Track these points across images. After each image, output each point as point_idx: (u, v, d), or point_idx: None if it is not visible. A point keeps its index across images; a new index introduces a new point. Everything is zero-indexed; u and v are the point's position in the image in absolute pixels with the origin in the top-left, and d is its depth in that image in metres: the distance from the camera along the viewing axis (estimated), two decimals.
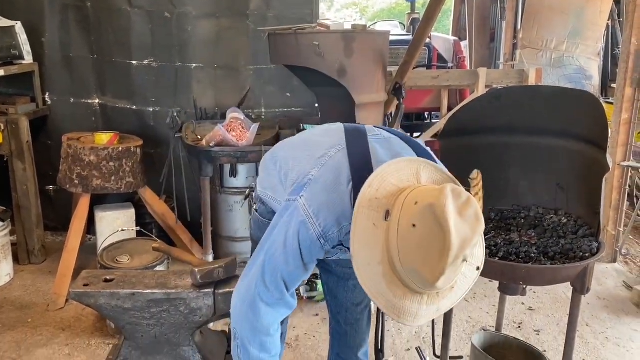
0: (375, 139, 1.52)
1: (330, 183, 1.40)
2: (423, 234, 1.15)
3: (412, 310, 1.22)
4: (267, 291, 1.43)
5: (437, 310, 1.25)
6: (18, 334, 3.02)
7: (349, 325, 2.01)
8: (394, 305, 1.22)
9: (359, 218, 1.25)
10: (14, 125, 3.56)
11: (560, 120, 2.04)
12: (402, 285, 1.21)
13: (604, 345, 3.02)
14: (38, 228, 3.80)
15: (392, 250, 1.20)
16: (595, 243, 1.91)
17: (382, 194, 1.25)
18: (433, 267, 1.13)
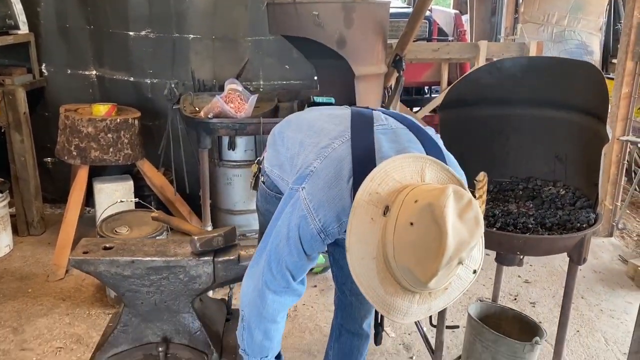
0: (382, 129, 1.48)
1: (331, 178, 1.38)
2: (420, 233, 1.13)
3: (403, 308, 1.21)
4: (273, 280, 1.44)
5: (429, 310, 1.24)
6: (19, 303, 3.05)
7: (354, 296, 2.01)
8: (384, 301, 1.22)
9: (357, 211, 1.24)
10: (11, 96, 3.54)
11: (560, 91, 2.03)
12: (394, 282, 1.21)
13: (598, 317, 3.05)
14: (37, 200, 3.80)
15: (387, 247, 1.19)
16: (593, 214, 1.92)
17: (384, 189, 1.24)
18: (426, 267, 1.12)
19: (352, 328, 2.05)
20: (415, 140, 1.46)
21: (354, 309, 2.01)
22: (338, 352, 2.12)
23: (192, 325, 1.66)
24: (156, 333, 1.67)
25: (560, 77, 2.01)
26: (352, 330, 2.05)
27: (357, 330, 2.05)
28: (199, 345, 1.66)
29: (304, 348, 2.74)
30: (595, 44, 5.94)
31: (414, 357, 2.70)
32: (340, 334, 2.09)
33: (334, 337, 2.12)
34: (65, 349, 2.68)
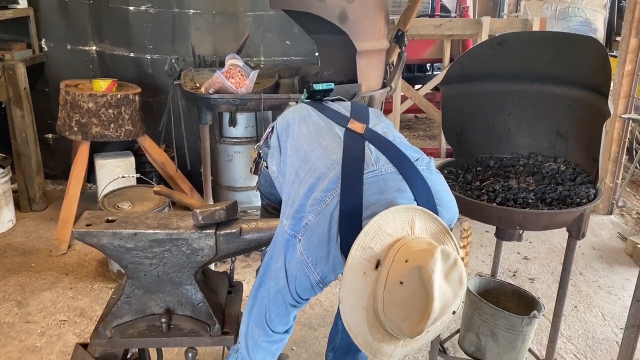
0: (372, 176, 1.49)
1: (323, 237, 1.44)
2: (408, 293, 1.21)
3: (388, 351, 1.31)
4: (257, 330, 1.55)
5: (410, 349, 1.34)
6: (22, 277, 3.08)
7: None
8: (371, 346, 1.31)
9: (351, 265, 1.31)
10: (11, 71, 3.52)
11: (562, 66, 2.02)
12: (382, 330, 1.30)
13: (596, 293, 3.09)
14: (38, 175, 3.81)
15: (377, 300, 1.27)
16: (593, 190, 1.92)
17: (376, 244, 1.31)
18: (413, 325, 1.21)
19: None
20: (404, 189, 1.48)
21: None
22: (344, 337, 2.14)
23: (195, 297, 1.67)
24: (159, 304, 1.68)
25: (563, 53, 1.99)
26: None
27: None
28: (202, 317, 1.67)
29: (304, 322, 2.78)
30: (600, 21, 5.89)
31: None
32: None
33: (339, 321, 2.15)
34: (69, 322, 2.72)
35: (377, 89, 3.00)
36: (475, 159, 2.26)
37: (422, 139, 6.08)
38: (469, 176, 2.12)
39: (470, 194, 1.98)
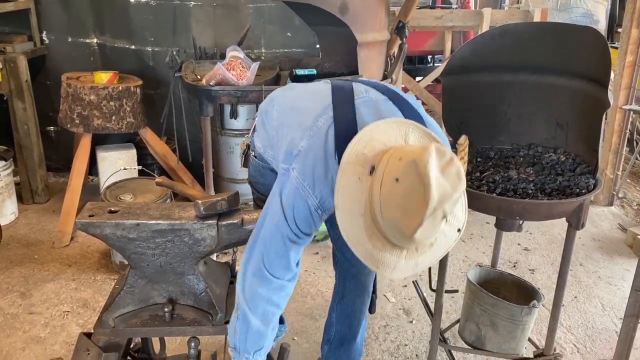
0: (362, 101, 1.51)
1: (319, 156, 1.42)
2: (405, 188, 1.17)
3: (390, 262, 1.25)
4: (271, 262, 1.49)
5: (416, 265, 1.27)
6: (26, 269, 3.10)
7: (354, 256, 2.05)
8: (372, 255, 1.26)
9: (344, 172, 1.28)
10: (12, 63, 3.53)
11: (562, 57, 2.02)
12: (382, 237, 1.24)
13: (596, 284, 3.10)
14: (40, 168, 3.83)
15: (374, 204, 1.23)
16: (592, 180, 1.93)
17: (369, 151, 1.28)
18: (412, 218, 1.16)
19: (356, 288, 2.09)
20: (395, 111, 1.49)
21: (355, 269, 2.05)
22: (340, 313, 2.17)
23: (197, 286, 1.69)
24: (162, 294, 1.70)
25: (563, 44, 2.00)
26: (355, 290, 2.09)
27: (361, 290, 2.09)
28: (204, 306, 1.69)
29: (306, 312, 2.80)
30: (601, 12, 5.87)
31: (414, 321, 2.76)
32: (343, 296, 2.13)
33: (337, 300, 2.16)
34: (72, 313, 2.74)
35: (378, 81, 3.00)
36: (475, 150, 2.26)
37: None
38: (469, 167, 2.13)
39: (470, 184, 1.99)
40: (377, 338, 2.64)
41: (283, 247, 1.47)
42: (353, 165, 1.28)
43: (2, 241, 3.32)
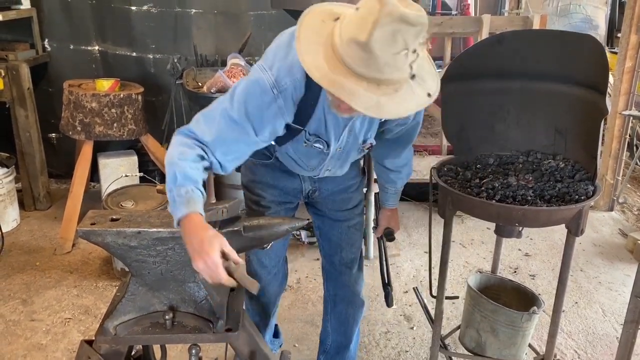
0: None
1: (284, 42, 1.47)
2: (364, 11, 1.21)
3: (347, 87, 1.24)
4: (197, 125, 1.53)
5: (377, 105, 1.26)
6: (27, 276, 3.11)
7: (343, 265, 2.08)
8: (330, 77, 1.26)
9: (308, 14, 1.34)
10: (15, 71, 3.55)
11: (561, 64, 2.03)
12: (342, 64, 1.25)
13: (596, 289, 3.10)
14: (42, 175, 3.85)
15: (335, 36, 1.26)
16: (591, 186, 1.94)
17: (336, 6, 1.36)
18: (367, 24, 1.19)
19: (346, 296, 2.12)
20: None
21: (345, 277, 2.09)
22: (334, 322, 2.20)
23: (198, 294, 1.70)
24: (163, 302, 1.71)
25: (561, 50, 2.01)
26: (346, 298, 2.13)
27: (351, 297, 2.12)
28: (205, 314, 1.70)
29: (307, 319, 2.80)
30: (601, 17, 5.88)
31: (415, 327, 2.76)
32: (335, 305, 2.17)
33: (329, 309, 2.20)
34: (74, 320, 2.75)
35: None
36: (474, 156, 2.27)
37: (424, 136, 6.08)
38: (469, 174, 2.14)
39: (469, 191, 1.99)
40: (378, 344, 2.64)
41: (218, 114, 1.50)
42: (319, 13, 1.34)
43: (4, 248, 3.33)
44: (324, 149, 1.70)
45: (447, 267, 2.11)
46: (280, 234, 1.74)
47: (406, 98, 1.29)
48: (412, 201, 4.15)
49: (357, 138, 1.73)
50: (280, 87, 1.45)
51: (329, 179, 1.95)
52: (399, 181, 2.05)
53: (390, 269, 2.14)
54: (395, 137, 1.85)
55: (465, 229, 3.75)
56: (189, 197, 1.42)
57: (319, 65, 1.27)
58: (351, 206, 2.03)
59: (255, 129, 1.51)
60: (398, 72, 1.25)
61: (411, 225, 3.84)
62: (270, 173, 1.93)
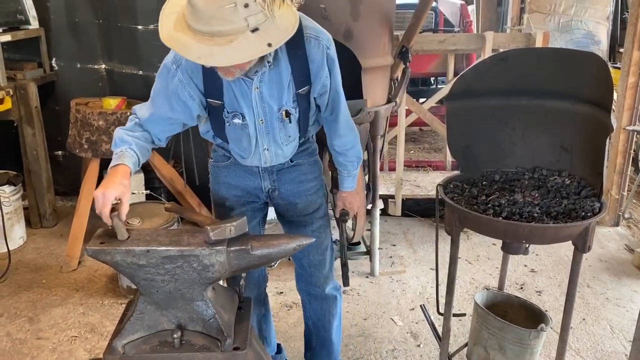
0: None
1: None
2: None
3: (183, 41, 1.47)
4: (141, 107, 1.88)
5: (210, 53, 1.45)
6: (33, 294, 3.12)
7: (312, 267, 2.16)
8: (171, 35, 1.50)
9: None
10: (23, 90, 3.59)
11: (565, 82, 2.05)
12: (184, 24, 1.48)
13: (604, 306, 3.09)
14: (49, 192, 3.87)
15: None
16: (598, 203, 1.94)
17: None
18: None
19: (317, 294, 2.21)
20: None
21: (315, 278, 2.18)
22: (313, 318, 2.29)
23: (206, 312, 1.70)
24: (171, 320, 1.71)
25: (565, 69, 2.02)
26: (318, 295, 2.22)
27: (321, 294, 2.21)
28: (213, 332, 1.70)
29: None
30: (603, 33, 5.92)
31: (422, 345, 2.75)
32: (309, 302, 2.26)
33: (307, 308, 2.30)
34: (80, 338, 2.74)
35: (382, 104, 3.04)
36: (480, 173, 2.28)
37: (428, 151, 6.11)
38: (475, 190, 2.14)
39: (476, 208, 2.00)
40: None
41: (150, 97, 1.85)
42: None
43: (11, 266, 3.34)
44: (242, 123, 1.82)
45: (454, 284, 2.11)
46: (288, 252, 1.75)
47: (241, 48, 1.44)
48: (417, 217, 4.15)
49: (271, 106, 1.81)
50: (177, 61, 1.71)
51: (287, 178, 2.03)
52: (348, 164, 2.10)
53: (396, 287, 2.15)
54: (331, 115, 1.95)
55: (471, 245, 3.75)
56: (121, 154, 1.72)
57: (169, 28, 1.51)
58: (312, 210, 2.09)
59: (168, 102, 1.79)
60: (230, 24, 1.42)
61: (416, 242, 3.83)
62: (233, 173, 2.04)
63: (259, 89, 1.76)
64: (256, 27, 1.44)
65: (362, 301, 3.10)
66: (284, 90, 1.79)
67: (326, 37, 1.79)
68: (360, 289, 3.22)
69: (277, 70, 1.75)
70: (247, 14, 1.42)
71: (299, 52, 1.74)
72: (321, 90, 1.85)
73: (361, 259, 3.53)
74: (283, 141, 1.91)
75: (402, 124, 3.93)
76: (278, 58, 1.73)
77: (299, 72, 1.77)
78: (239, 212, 2.05)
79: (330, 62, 1.81)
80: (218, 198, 2.11)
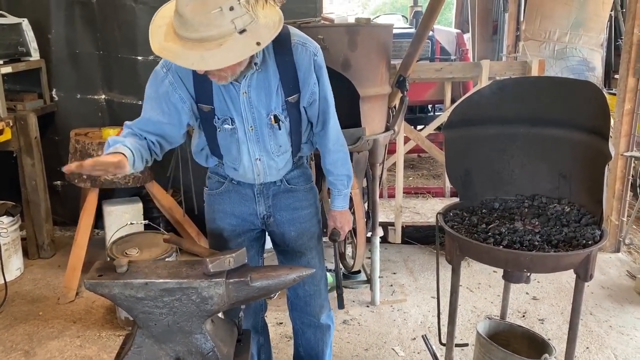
0: None
1: None
2: None
3: (174, 49, 1.53)
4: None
5: (201, 58, 1.50)
6: (30, 326, 3.08)
7: (308, 296, 2.15)
8: (163, 46, 1.55)
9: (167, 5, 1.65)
10: (23, 121, 3.61)
11: (563, 110, 2.06)
12: (173, 34, 1.55)
13: (607, 334, 3.05)
14: (47, 223, 3.85)
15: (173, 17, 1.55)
16: (598, 231, 1.94)
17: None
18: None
19: (311, 323, 2.20)
20: None
21: (310, 308, 2.17)
22: (306, 346, 2.27)
23: (205, 346, 1.68)
24: (169, 354, 1.69)
25: (562, 97, 2.04)
26: (312, 324, 2.21)
27: (316, 323, 2.20)
28: None
29: None
30: (597, 60, 5.99)
31: None
32: (303, 332, 2.25)
33: (299, 336, 2.27)
34: None
35: (381, 132, 3.05)
36: (480, 201, 2.28)
37: (426, 178, 6.12)
38: (475, 219, 2.14)
39: (476, 237, 1.99)
40: None
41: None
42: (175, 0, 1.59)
43: (7, 298, 3.31)
44: (232, 128, 1.84)
45: (456, 314, 2.09)
46: (288, 283, 1.74)
47: (231, 49, 1.50)
48: (417, 244, 4.13)
49: (260, 112, 1.82)
50: (167, 64, 1.77)
51: (282, 204, 2.04)
52: (338, 183, 2.10)
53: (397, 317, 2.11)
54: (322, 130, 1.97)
55: (471, 273, 3.72)
56: (114, 150, 1.72)
57: (159, 39, 1.57)
58: (306, 239, 2.10)
59: (158, 105, 1.80)
60: (217, 28, 1.48)
61: (417, 270, 3.81)
62: (227, 200, 2.04)
63: (247, 93, 1.78)
64: (243, 29, 1.50)
65: (363, 331, 3.06)
66: (272, 95, 1.81)
67: (313, 44, 1.83)
68: (361, 318, 3.19)
69: (265, 74, 1.78)
70: (234, 17, 1.48)
71: (287, 58, 1.78)
72: (310, 99, 1.87)
73: (362, 288, 3.50)
74: (274, 151, 1.91)
75: (401, 152, 3.94)
76: (266, 62, 1.76)
77: (287, 78, 1.80)
78: (235, 243, 2.05)
79: (317, 68, 1.84)
80: (214, 228, 2.10)
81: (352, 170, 2.13)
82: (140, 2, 3.80)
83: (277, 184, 2.02)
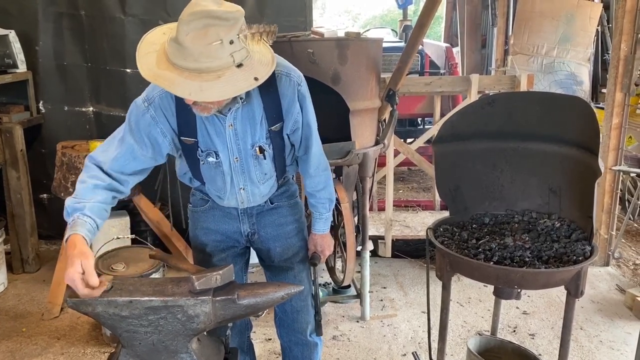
0: None
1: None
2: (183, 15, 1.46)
3: (169, 77, 1.48)
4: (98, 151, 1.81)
5: (200, 89, 1.47)
6: (13, 343, 3.01)
7: (295, 312, 2.14)
8: (156, 74, 1.50)
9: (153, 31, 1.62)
10: (8, 134, 3.56)
11: (552, 125, 2.06)
12: (166, 61, 1.50)
13: (598, 349, 3.04)
14: (32, 237, 3.79)
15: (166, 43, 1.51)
16: (589, 246, 1.93)
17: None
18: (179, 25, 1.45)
19: (299, 340, 2.19)
20: None
21: (296, 324, 2.15)
22: None
23: None
24: None
25: (552, 112, 2.04)
26: (299, 342, 2.19)
27: (304, 341, 2.19)
28: None
29: None
30: (585, 74, 6.05)
31: None
32: (290, 350, 2.22)
33: (287, 354, 2.25)
34: None
35: (371, 146, 3.04)
36: (470, 216, 2.27)
37: (416, 191, 6.12)
38: (465, 234, 2.12)
39: (467, 252, 1.98)
40: None
41: (112, 140, 1.80)
42: (163, 28, 1.60)
43: None
44: (216, 161, 1.81)
45: (446, 331, 2.07)
46: (276, 301, 1.71)
47: (230, 82, 1.48)
48: (407, 258, 4.11)
49: (245, 143, 1.81)
50: (149, 99, 1.72)
51: (266, 221, 2.03)
52: (319, 206, 2.09)
53: (387, 332, 2.09)
54: (304, 154, 1.96)
55: (461, 287, 3.70)
56: (74, 224, 1.68)
57: (150, 66, 1.51)
58: (292, 254, 2.09)
59: (136, 140, 1.75)
60: (217, 60, 1.46)
61: (407, 284, 3.78)
62: (211, 218, 2.02)
63: (233, 126, 1.77)
64: (240, 63, 1.50)
65: (352, 347, 3.02)
66: (257, 126, 1.80)
67: (297, 74, 1.82)
68: (351, 334, 3.15)
69: (250, 106, 1.76)
70: (233, 50, 1.47)
71: (271, 89, 1.76)
72: (293, 127, 1.87)
73: (351, 303, 3.46)
74: (259, 179, 1.90)
75: (391, 165, 3.93)
76: (250, 95, 1.75)
77: (270, 108, 1.79)
78: (219, 259, 2.03)
79: (301, 98, 1.83)
80: (197, 244, 2.08)
81: (334, 193, 2.12)
82: (130, 15, 3.78)
83: (261, 204, 2.01)
